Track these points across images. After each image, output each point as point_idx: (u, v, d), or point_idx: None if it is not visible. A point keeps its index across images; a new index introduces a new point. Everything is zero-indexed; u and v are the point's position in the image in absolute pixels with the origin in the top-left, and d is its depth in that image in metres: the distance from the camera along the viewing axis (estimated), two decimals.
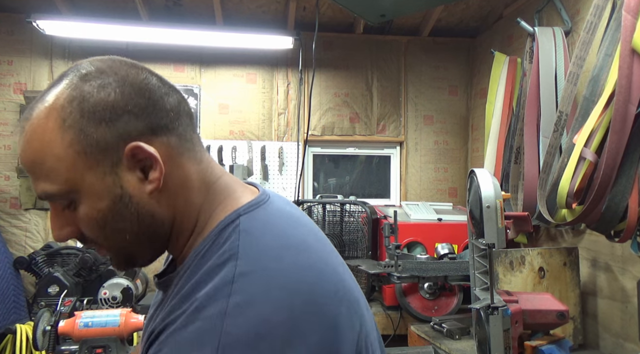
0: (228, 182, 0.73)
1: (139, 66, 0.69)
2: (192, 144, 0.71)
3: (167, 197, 0.67)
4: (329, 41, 3.60)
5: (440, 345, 2.12)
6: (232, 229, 0.65)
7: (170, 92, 0.69)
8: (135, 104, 0.64)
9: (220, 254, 0.62)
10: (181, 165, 0.68)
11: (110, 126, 0.63)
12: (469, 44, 3.74)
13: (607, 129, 1.75)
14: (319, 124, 3.60)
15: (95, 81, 0.64)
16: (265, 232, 0.65)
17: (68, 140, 0.62)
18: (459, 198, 3.68)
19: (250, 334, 0.54)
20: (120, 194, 0.64)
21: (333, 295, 0.62)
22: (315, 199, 3.20)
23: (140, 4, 3.10)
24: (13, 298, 2.89)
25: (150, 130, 0.65)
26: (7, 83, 3.29)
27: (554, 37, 2.42)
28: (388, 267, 2.32)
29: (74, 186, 0.63)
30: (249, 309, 0.56)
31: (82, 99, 0.63)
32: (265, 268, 0.60)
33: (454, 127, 3.73)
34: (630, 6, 1.69)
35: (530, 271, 2.17)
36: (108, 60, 0.67)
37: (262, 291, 0.57)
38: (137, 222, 0.66)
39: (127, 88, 0.65)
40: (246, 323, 0.55)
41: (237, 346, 0.54)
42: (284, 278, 0.59)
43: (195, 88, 3.50)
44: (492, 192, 1.64)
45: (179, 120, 0.69)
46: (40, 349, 1.91)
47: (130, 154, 0.64)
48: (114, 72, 0.65)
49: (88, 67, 0.66)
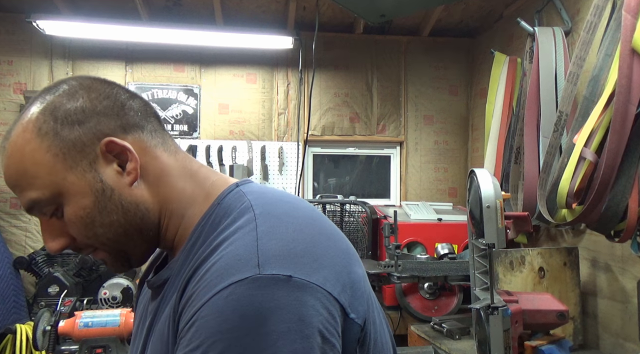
0: (209, 170, 0.79)
1: (103, 79, 0.74)
2: (163, 139, 0.75)
3: (148, 186, 0.71)
4: (329, 41, 3.60)
5: (440, 345, 2.12)
6: (238, 195, 0.71)
7: (134, 97, 0.75)
8: (104, 106, 0.70)
9: (235, 214, 0.68)
10: (156, 156, 0.73)
11: (84, 127, 0.68)
12: (469, 44, 3.74)
13: (607, 129, 1.75)
14: (319, 124, 3.60)
15: (63, 91, 0.70)
16: (268, 192, 0.73)
17: (46, 145, 0.67)
18: (459, 198, 3.68)
19: (284, 251, 0.62)
20: (102, 188, 0.68)
21: (335, 231, 0.72)
22: (315, 199, 3.20)
23: (140, 4, 3.10)
24: (13, 298, 2.89)
25: (121, 128, 0.70)
26: (7, 83, 3.29)
27: (554, 37, 2.42)
28: (388, 267, 2.32)
29: (57, 188, 0.67)
30: (276, 234, 0.63)
31: (54, 108, 0.68)
32: (280, 212, 0.68)
33: (454, 127, 3.73)
34: (630, 6, 1.69)
35: (530, 271, 2.17)
36: (73, 78, 0.73)
37: (283, 224, 0.65)
38: (123, 214, 0.70)
39: (94, 94, 0.70)
40: (277, 244, 0.62)
41: (274, 261, 0.60)
42: (299, 218, 0.68)
43: (195, 88, 3.50)
44: (492, 192, 1.64)
45: (147, 119, 0.74)
46: (40, 349, 1.91)
47: (105, 149, 0.68)
48: (79, 83, 0.71)
49: (55, 84, 0.72)
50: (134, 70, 3.45)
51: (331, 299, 0.62)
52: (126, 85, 3.40)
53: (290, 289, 0.59)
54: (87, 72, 3.38)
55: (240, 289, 0.58)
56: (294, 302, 0.58)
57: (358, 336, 0.66)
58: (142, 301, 0.83)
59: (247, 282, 0.58)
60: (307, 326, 0.58)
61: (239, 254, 0.61)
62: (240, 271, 0.59)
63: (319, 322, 0.59)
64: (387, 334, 0.76)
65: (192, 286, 0.63)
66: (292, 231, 0.65)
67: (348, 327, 0.64)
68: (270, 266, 0.60)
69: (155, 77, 3.47)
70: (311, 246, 0.64)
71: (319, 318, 0.60)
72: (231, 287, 0.58)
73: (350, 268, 0.67)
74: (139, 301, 0.85)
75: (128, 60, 3.44)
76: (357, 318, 0.66)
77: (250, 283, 0.58)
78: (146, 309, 0.77)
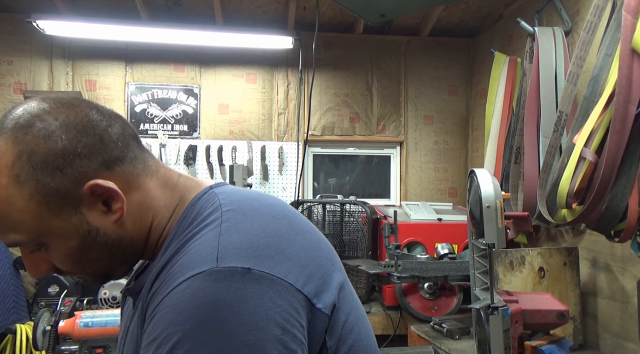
0: (187, 178, 0.80)
1: (76, 103, 0.69)
2: (144, 162, 0.73)
3: (132, 219, 0.71)
4: (329, 41, 3.60)
5: (440, 345, 2.12)
6: (210, 196, 0.73)
7: (112, 123, 0.70)
8: (84, 145, 0.66)
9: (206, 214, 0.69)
10: (139, 186, 0.72)
11: (65, 172, 0.65)
12: (469, 44, 3.74)
13: (607, 129, 1.75)
14: (319, 124, 3.60)
15: (38, 131, 0.64)
16: (240, 192, 0.75)
17: (27, 193, 0.64)
18: (459, 198, 3.68)
19: (245, 244, 0.63)
20: (88, 230, 0.68)
21: (309, 228, 0.74)
22: (315, 199, 3.20)
23: (140, 4, 3.10)
24: (13, 298, 2.89)
25: (104, 166, 0.67)
26: (7, 83, 3.29)
27: (554, 37, 2.42)
28: (388, 267, 2.32)
29: (42, 233, 0.66)
30: (239, 229, 0.65)
31: (31, 152, 0.63)
32: (247, 209, 0.69)
33: (454, 127, 3.73)
34: (630, 6, 1.69)
35: (530, 271, 2.17)
36: (43, 103, 0.67)
37: (249, 219, 0.67)
38: (108, 249, 0.70)
39: (72, 131, 0.66)
40: (239, 238, 0.64)
41: (233, 255, 0.62)
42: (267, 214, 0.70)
43: (195, 88, 3.50)
44: (492, 192, 1.64)
45: (127, 147, 0.71)
46: (40, 349, 1.91)
47: (89, 193, 0.66)
48: (54, 118, 0.66)
49: (25, 115, 0.65)
50: (134, 70, 3.45)
51: (293, 290, 0.63)
52: (126, 85, 3.41)
53: (246, 282, 0.60)
54: (87, 72, 3.38)
55: (196, 282, 0.59)
56: (250, 294, 0.59)
57: (325, 325, 0.67)
58: (126, 311, 0.84)
59: (204, 275, 0.60)
60: (262, 318, 0.59)
61: (200, 250, 0.63)
62: (198, 265, 0.61)
63: (275, 313, 0.60)
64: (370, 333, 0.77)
65: (158, 282, 0.65)
66: (257, 225, 0.67)
67: (315, 317, 0.65)
68: (228, 259, 0.61)
69: (155, 77, 3.47)
70: (276, 239, 0.66)
71: (277, 309, 0.60)
72: (188, 280, 0.60)
73: (319, 261, 0.69)
74: (124, 311, 0.86)
75: (128, 60, 3.44)
76: (323, 308, 0.66)
77: (207, 276, 0.60)
78: (129, 315, 0.78)
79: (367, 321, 0.79)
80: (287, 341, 0.60)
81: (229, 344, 0.57)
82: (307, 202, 3.06)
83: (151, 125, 3.45)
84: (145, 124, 3.44)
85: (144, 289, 0.70)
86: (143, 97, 3.44)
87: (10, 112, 0.67)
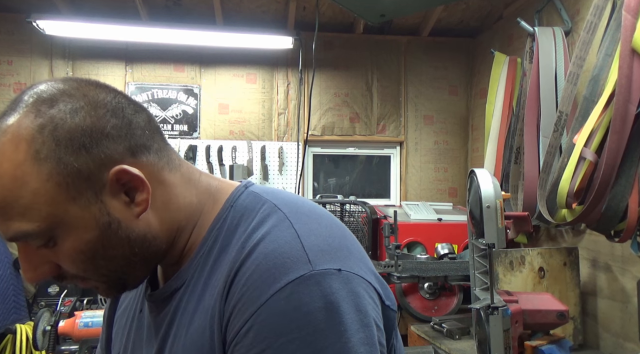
0: (208, 176, 0.75)
1: (104, 86, 0.65)
2: (168, 156, 0.68)
3: (155, 213, 0.65)
4: (329, 41, 3.60)
5: (440, 345, 2.12)
6: (251, 196, 0.70)
7: (139, 110, 0.66)
8: (113, 126, 0.61)
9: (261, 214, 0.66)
10: (164, 180, 0.66)
11: (91, 153, 0.59)
12: (469, 44, 3.74)
13: (607, 129, 1.75)
14: (319, 124, 3.60)
15: (65, 105, 0.59)
16: (279, 192, 0.72)
17: (46, 172, 0.57)
18: (459, 198, 3.68)
19: (325, 246, 0.62)
20: (109, 222, 0.61)
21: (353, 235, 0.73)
22: (315, 199, 3.20)
23: (140, 4, 3.10)
24: (13, 298, 2.89)
25: (130, 152, 0.62)
26: (7, 83, 3.29)
27: (554, 37, 2.42)
28: (388, 267, 2.32)
29: (56, 221, 0.58)
30: (312, 231, 0.64)
31: (55, 126, 0.57)
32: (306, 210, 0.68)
33: (454, 127, 3.73)
34: (630, 6, 1.69)
35: (530, 271, 2.17)
36: (71, 81, 0.63)
37: (313, 220, 0.66)
38: (129, 247, 0.63)
39: (101, 110, 0.60)
40: (317, 240, 0.62)
41: (322, 256, 0.60)
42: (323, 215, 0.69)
43: (195, 88, 3.50)
44: (492, 192, 1.64)
45: (153, 137, 0.66)
46: (40, 349, 1.91)
47: (114, 179, 0.60)
48: (83, 94, 0.61)
49: (50, 90, 0.60)
50: (134, 70, 3.45)
51: (371, 288, 0.64)
52: (126, 85, 3.41)
53: (342, 282, 0.60)
54: (87, 72, 3.38)
55: (299, 287, 0.58)
56: (349, 294, 0.59)
57: (394, 322, 0.69)
58: (124, 317, 0.80)
59: (304, 279, 0.58)
60: (365, 316, 0.60)
61: (285, 253, 0.60)
62: (292, 269, 0.59)
63: (372, 310, 0.62)
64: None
65: (237, 289, 0.60)
66: (324, 226, 0.66)
67: (386, 314, 0.67)
68: (320, 262, 0.60)
69: (155, 77, 3.47)
70: (342, 239, 0.66)
71: (370, 306, 0.61)
72: (289, 286, 0.58)
73: (369, 260, 0.69)
74: (116, 318, 0.82)
75: (128, 60, 3.44)
76: (392, 305, 0.68)
77: (307, 280, 0.58)
78: (142, 323, 0.74)
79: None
80: (380, 337, 0.62)
81: (347, 344, 0.57)
82: None
83: None
84: None
85: (196, 298, 0.65)
86: (143, 97, 3.44)
87: (30, 88, 0.61)
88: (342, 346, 0.57)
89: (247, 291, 0.59)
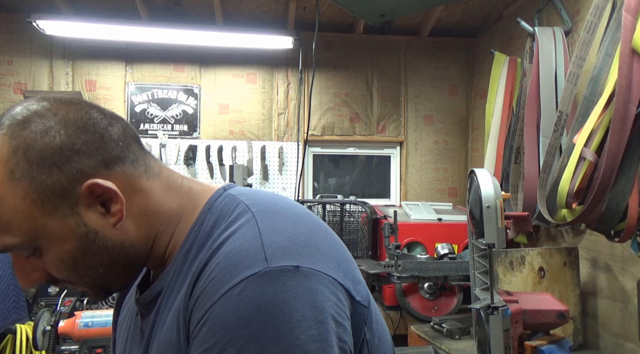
0: (191, 180, 0.77)
1: (76, 103, 0.67)
2: (145, 164, 0.70)
3: (133, 221, 0.68)
4: (328, 41, 3.60)
5: (440, 345, 2.12)
6: (228, 198, 0.71)
7: (112, 122, 0.68)
8: (83, 142, 0.63)
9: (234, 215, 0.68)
10: (141, 188, 0.69)
11: (63, 169, 0.62)
12: (469, 44, 3.74)
13: (607, 129, 1.75)
14: (319, 124, 3.60)
15: (36, 126, 0.62)
16: (257, 193, 0.74)
17: (21, 191, 0.61)
18: (459, 198, 3.68)
19: (287, 243, 0.63)
20: (86, 232, 0.65)
21: (326, 225, 0.74)
22: (315, 199, 3.20)
23: (140, 4, 3.10)
24: (13, 298, 2.89)
25: (103, 164, 0.65)
26: (7, 83, 3.29)
27: (554, 37, 2.42)
28: (388, 267, 2.32)
29: (37, 234, 0.63)
30: (277, 228, 0.65)
31: (27, 148, 0.61)
32: (277, 209, 0.69)
33: (454, 127, 3.73)
34: (630, 6, 1.69)
35: (530, 271, 2.17)
36: (44, 101, 0.66)
37: (282, 218, 0.67)
38: (108, 255, 0.67)
39: (71, 127, 0.63)
40: (280, 237, 0.64)
41: (280, 253, 0.61)
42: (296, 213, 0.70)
43: (195, 88, 3.50)
44: (492, 192, 1.64)
45: (128, 147, 0.68)
46: (40, 349, 1.91)
47: (87, 192, 0.63)
48: (53, 114, 0.64)
49: (23, 112, 0.63)
50: (134, 70, 3.45)
51: (337, 284, 0.64)
52: (126, 85, 3.41)
53: (299, 279, 0.60)
54: (87, 72, 3.39)
55: (251, 284, 0.59)
56: (305, 290, 0.60)
57: (365, 318, 0.69)
58: (125, 321, 0.81)
59: (258, 276, 0.59)
60: (320, 312, 0.60)
61: (244, 250, 0.62)
62: (248, 266, 0.60)
63: (330, 307, 0.61)
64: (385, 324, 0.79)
65: (199, 286, 0.63)
66: (291, 224, 0.67)
67: (355, 310, 0.67)
68: (276, 259, 0.61)
69: (155, 77, 3.47)
70: (311, 236, 0.66)
71: (329, 303, 0.62)
72: (242, 283, 0.59)
73: (347, 257, 0.70)
74: (119, 322, 0.84)
75: (128, 60, 3.44)
76: (362, 300, 0.68)
77: (261, 277, 0.59)
78: (137, 327, 0.76)
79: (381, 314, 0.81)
80: (340, 333, 0.62)
81: (296, 340, 0.57)
82: (307, 202, 3.06)
83: (151, 125, 3.45)
84: (145, 124, 3.44)
85: (172, 298, 0.68)
86: (143, 97, 3.44)
87: (9, 111, 0.65)
88: (289, 343, 0.57)
89: (206, 288, 0.61)
